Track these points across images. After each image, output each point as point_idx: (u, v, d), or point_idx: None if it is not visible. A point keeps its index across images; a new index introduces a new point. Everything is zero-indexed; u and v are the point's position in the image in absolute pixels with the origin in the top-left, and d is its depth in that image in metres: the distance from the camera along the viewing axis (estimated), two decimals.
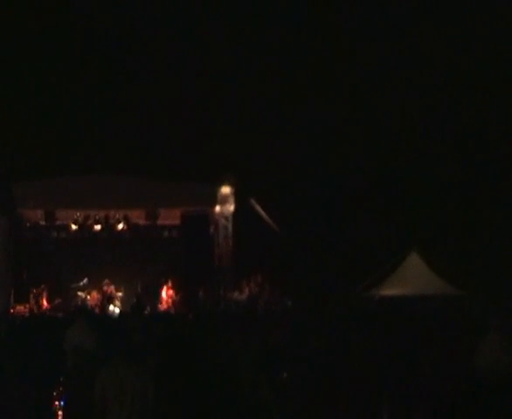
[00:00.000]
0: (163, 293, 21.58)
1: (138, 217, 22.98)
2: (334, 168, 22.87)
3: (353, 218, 23.06)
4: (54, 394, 10.04)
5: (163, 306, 21.35)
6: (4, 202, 20.76)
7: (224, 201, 22.17)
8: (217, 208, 22.29)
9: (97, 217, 23.00)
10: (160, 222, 23.00)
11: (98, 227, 23.06)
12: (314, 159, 22.95)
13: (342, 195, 22.86)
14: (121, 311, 20.53)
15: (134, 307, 19.31)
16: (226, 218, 22.24)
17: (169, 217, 23.11)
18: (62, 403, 9.84)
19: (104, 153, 22.43)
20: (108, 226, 23.00)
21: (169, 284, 21.52)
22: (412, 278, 22.48)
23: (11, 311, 20.44)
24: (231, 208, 22.16)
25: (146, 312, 19.99)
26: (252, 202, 21.96)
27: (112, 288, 21.76)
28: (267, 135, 22.25)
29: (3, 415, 8.40)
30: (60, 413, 9.71)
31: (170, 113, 22.48)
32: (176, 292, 21.45)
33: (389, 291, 22.39)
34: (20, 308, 20.89)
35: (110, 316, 19.21)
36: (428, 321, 14.47)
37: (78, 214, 23.05)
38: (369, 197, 23.18)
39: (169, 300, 21.37)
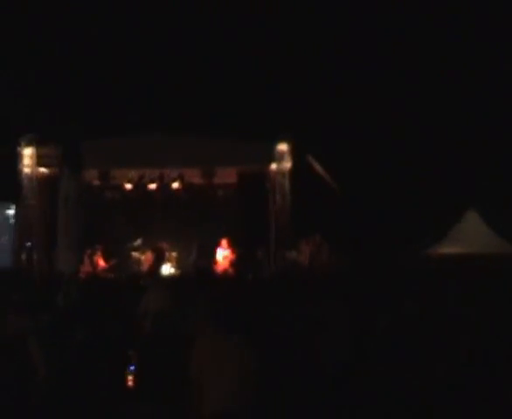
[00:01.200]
0: (218, 254, 21.40)
1: (193, 176, 22.73)
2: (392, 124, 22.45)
3: (411, 176, 22.64)
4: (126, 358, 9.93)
5: (219, 267, 21.15)
6: (75, 165, 20.69)
7: (280, 158, 21.80)
8: (274, 165, 21.93)
9: (152, 176, 22.83)
10: (216, 180, 22.72)
11: (153, 186, 22.91)
12: (372, 116, 22.54)
13: (401, 153, 22.45)
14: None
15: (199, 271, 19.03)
16: (283, 176, 21.89)
17: (225, 176, 22.85)
18: (132, 368, 9.74)
19: (159, 112, 22.27)
20: (163, 185, 22.83)
21: (225, 244, 21.33)
22: (471, 237, 22.17)
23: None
24: (288, 165, 21.77)
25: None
26: (310, 158, 21.57)
27: (166, 247, 21.71)
28: (326, 91, 21.85)
29: (74, 379, 8.34)
30: (131, 378, 9.63)
31: (226, 71, 22.19)
32: (233, 252, 21.26)
33: (447, 249, 22.09)
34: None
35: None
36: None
37: (132, 173, 22.89)
38: (428, 154, 22.73)
39: (225, 260, 21.19)
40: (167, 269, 21.34)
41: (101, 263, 21.61)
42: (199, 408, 6.21)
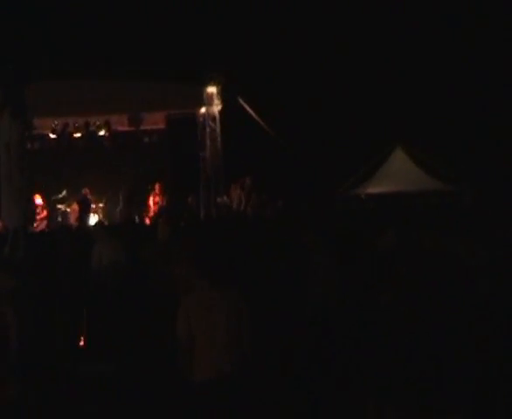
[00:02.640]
0: (150, 201, 20.73)
1: (120, 123, 21.91)
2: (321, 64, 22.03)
3: (337, 115, 22.31)
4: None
5: (151, 214, 20.50)
6: (16, 105, 19.44)
7: (210, 101, 21.19)
8: (203, 109, 21.30)
9: (76, 124, 21.89)
10: (144, 127, 21.99)
11: (77, 135, 21.99)
12: (302, 56, 22.06)
13: (331, 96, 22.09)
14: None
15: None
16: (213, 119, 21.28)
17: (154, 122, 22.18)
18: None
19: (81, 55, 21.32)
20: (89, 133, 21.92)
21: (157, 190, 20.66)
22: (398, 175, 22.10)
23: None
24: (218, 108, 21.16)
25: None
26: (241, 101, 20.98)
27: (91, 198, 20.88)
28: (255, 30, 21.26)
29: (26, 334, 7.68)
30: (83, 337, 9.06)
31: (152, 12, 21.39)
32: (163, 199, 20.61)
33: (375, 188, 21.99)
34: None
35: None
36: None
37: (56, 122, 21.91)
38: (352, 94, 22.40)
39: (156, 207, 20.53)
40: (94, 220, 20.53)
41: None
42: (191, 372, 5.71)
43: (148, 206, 20.61)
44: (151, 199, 20.65)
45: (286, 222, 14.56)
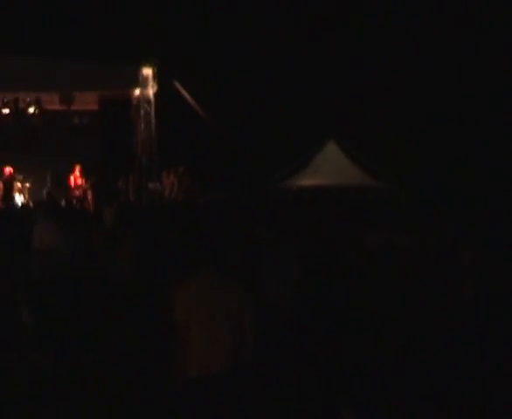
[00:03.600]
0: (72, 182, 20.05)
1: (51, 102, 21.09)
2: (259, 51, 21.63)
3: (273, 107, 21.96)
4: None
5: (73, 195, 19.82)
6: None
7: (145, 83, 20.56)
8: (138, 91, 20.65)
9: (5, 100, 21.00)
10: (76, 107, 21.20)
11: (6, 111, 21.10)
12: (239, 41, 21.61)
13: (267, 82, 21.73)
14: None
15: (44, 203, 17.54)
16: (148, 102, 20.67)
17: (86, 102, 21.42)
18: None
19: (13, 30, 20.57)
20: (17, 110, 21.05)
21: (77, 172, 19.97)
22: (330, 168, 21.89)
23: None
24: (153, 91, 20.54)
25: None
26: (176, 84, 20.40)
27: (16, 176, 20.06)
28: (191, 13, 20.75)
29: None
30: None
31: None
32: (86, 180, 19.92)
33: (306, 181, 21.73)
34: None
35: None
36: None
37: None
38: (287, 85, 22.06)
39: (78, 190, 19.87)
40: (19, 200, 19.75)
41: None
42: (185, 369, 5.18)
43: (69, 188, 19.91)
44: (72, 181, 19.98)
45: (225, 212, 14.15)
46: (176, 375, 5.18)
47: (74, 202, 19.52)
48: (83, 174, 19.95)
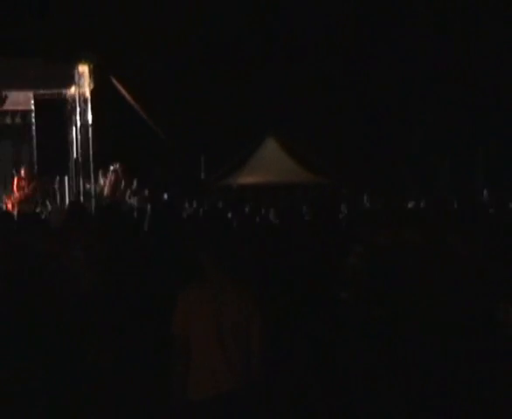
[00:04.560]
0: (14, 186, 19.33)
1: None
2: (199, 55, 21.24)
3: (210, 104, 21.56)
4: None
5: (15, 199, 19.10)
6: None
7: (81, 81, 19.87)
8: (73, 89, 20.00)
9: None
10: (9, 107, 20.44)
11: None
12: (179, 40, 21.17)
13: (205, 79, 21.33)
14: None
15: None
16: (85, 101, 20.02)
17: (20, 101, 20.67)
18: None
19: None
20: None
21: (22, 174, 19.29)
22: (270, 165, 21.57)
23: None
24: (89, 88, 19.90)
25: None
26: (114, 81, 19.81)
27: None
28: (130, 9, 20.26)
29: None
30: None
31: None
32: (28, 184, 19.25)
33: (246, 179, 21.38)
34: None
35: None
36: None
37: None
38: (225, 81, 21.68)
39: (20, 193, 19.15)
40: None
41: None
42: (184, 391, 4.61)
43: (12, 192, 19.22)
44: (15, 184, 19.28)
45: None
46: (176, 399, 4.64)
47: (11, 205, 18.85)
48: (27, 176, 19.24)
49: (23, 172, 19.32)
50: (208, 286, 4.71)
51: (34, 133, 20.86)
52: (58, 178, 19.78)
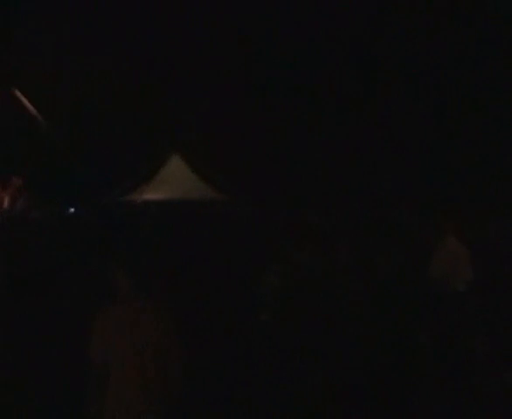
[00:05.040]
0: None
1: None
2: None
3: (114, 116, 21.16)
4: None
5: None
6: None
7: None
8: None
9: None
10: None
11: None
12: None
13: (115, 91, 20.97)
14: None
15: None
16: None
17: None
18: None
19: None
20: None
21: None
22: (175, 182, 21.49)
23: None
24: None
25: None
26: (16, 92, 19.35)
27: None
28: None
29: None
30: None
31: None
32: None
33: (151, 195, 21.22)
34: None
35: None
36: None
37: None
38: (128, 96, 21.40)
39: None
40: None
41: None
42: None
43: None
44: None
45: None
46: None
47: None
48: None
49: None
50: (125, 308, 4.28)
51: None
52: None
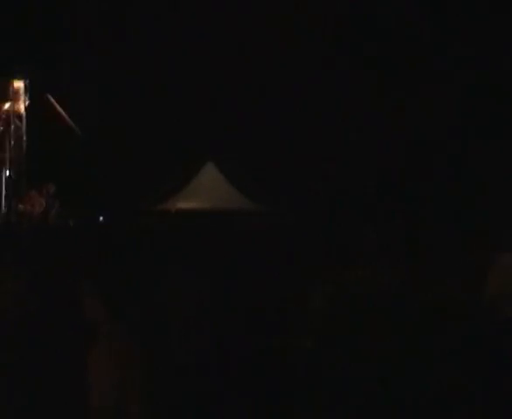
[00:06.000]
0: None
1: None
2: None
3: (149, 126, 21.20)
4: None
5: None
6: None
7: (16, 97, 19.28)
8: (8, 105, 19.36)
9: None
10: None
11: None
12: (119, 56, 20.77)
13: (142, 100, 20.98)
14: None
15: None
16: (19, 117, 19.43)
17: None
18: None
19: None
20: None
21: None
22: (209, 191, 21.40)
23: None
24: (24, 105, 19.33)
25: None
26: (50, 98, 19.28)
27: None
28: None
29: None
30: None
31: None
32: None
33: (185, 204, 21.13)
34: None
35: None
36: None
37: None
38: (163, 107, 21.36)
39: None
40: None
41: None
42: None
43: None
44: None
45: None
46: None
47: None
48: None
49: None
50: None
51: None
52: None
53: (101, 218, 18.82)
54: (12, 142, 19.51)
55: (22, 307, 6.60)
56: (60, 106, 19.15)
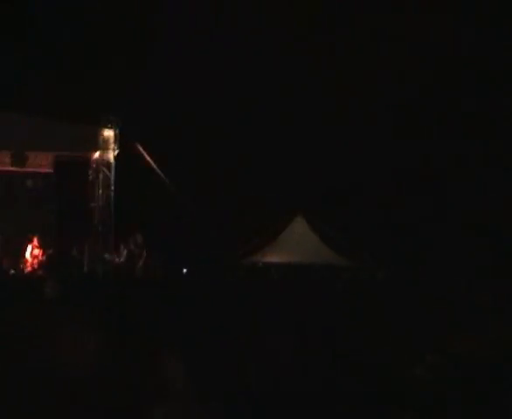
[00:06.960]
0: (27, 253, 18.61)
1: (2, 162, 19.70)
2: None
3: (239, 177, 20.94)
4: None
5: (28, 268, 18.43)
6: None
7: (105, 146, 19.27)
8: (98, 154, 19.35)
9: None
10: (29, 168, 19.83)
11: None
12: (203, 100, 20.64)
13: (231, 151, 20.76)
14: None
15: None
16: (108, 166, 19.35)
17: (41, 163, 20.19)
18: None
19: None
20: None
21: (35, 242, 18.60)
22: (298, 245, 20.93)
23: None
24: (113, 154, 19.26)
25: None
26: (139, 147, 19.12)
27: None
28: (154, 73, 19.81)
29: None
30: None
31: (45, 47, 19.76)
32: (43, 252, 18.55)
33: (272, 257, 20.68)
34: None
35: None
36: None
37: None
38: (255, 157, 21.10)
39: (35, 261, 18.44)
40: None
41: None
42: None
43: (24, 258, 18.48)
44: (28, 251, 18.58)
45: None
46: None
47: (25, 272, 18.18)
48: (41, 244, 18.57)
49: (35, 240, 18.73)
50: None
51: (54, 196, 20.16)
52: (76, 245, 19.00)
53: (185, 271, 18.43)
54: (100, 191, 19.46)
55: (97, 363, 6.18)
56: (150, 155, 18.97)
